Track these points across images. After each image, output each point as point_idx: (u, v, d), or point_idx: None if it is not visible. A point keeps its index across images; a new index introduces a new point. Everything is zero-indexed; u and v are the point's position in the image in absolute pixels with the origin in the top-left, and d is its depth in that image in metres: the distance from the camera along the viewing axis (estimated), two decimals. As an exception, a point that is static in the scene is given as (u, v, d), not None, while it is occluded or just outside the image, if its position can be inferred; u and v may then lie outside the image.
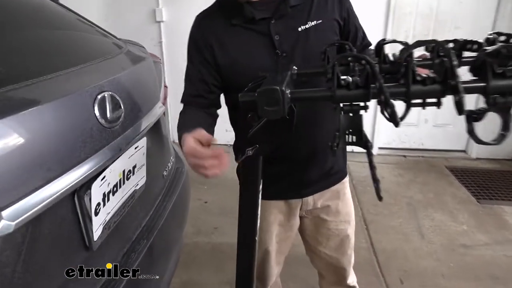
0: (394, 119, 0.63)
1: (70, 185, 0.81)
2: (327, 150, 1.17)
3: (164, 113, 1.44)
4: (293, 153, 1.16)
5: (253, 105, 0.72)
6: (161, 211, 1.36)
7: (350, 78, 0.67)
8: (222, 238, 2.49)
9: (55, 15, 1.25)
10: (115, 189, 1.03)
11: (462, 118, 0.64)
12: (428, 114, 3.69)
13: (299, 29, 1.05)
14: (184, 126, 0.99)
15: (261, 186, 0.98)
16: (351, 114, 0.71)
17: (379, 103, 0.65)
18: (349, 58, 0.76)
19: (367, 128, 3.69)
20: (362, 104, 0.69)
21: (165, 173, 1.48)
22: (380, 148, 3.82)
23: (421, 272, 2.17)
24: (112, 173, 1.00)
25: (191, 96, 1.13)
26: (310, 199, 1.26)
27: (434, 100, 0.65)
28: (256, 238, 1.03)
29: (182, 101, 1.16)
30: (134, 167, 1.14)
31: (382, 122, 3.65)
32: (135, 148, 1.13)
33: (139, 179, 1.19)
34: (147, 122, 1.19)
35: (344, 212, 1.31)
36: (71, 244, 0.90)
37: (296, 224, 1.33)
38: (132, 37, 1.71)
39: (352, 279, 1.44)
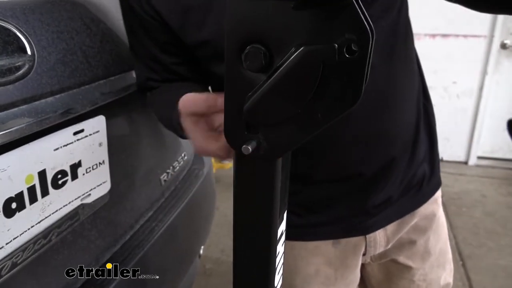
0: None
1: None
2: (411, 144, 0.68)
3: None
4: (351, 154, 0.61)
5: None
6: (144, 236, 0.88)
7: None
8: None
9: None
10: (14, 205, 0.56)
11: None
12: (549, 116, 2.85)
13: None
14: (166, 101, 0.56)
15: (285, 216, 0.44)
16: None
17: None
18: None
19: (462, 131, 2.94)
20: None
21: (164, 177, 1.00)
22: (479, 157, 3.06)
23: None
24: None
25: (151, 79, 0.67)
26: (380, 235, 0.70)
27: None
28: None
29: (138, 86, 0.70)
30: (76, 166, 0.67)
31: (485, 123, 2.88)
32: (74, 133, 0.65)
33: (91, 187, 0.72)
34: (105, 89, 0.71)
35: (437, 251, 0.76)
36: None
37: (355, 280, 0.77)
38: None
39: None
